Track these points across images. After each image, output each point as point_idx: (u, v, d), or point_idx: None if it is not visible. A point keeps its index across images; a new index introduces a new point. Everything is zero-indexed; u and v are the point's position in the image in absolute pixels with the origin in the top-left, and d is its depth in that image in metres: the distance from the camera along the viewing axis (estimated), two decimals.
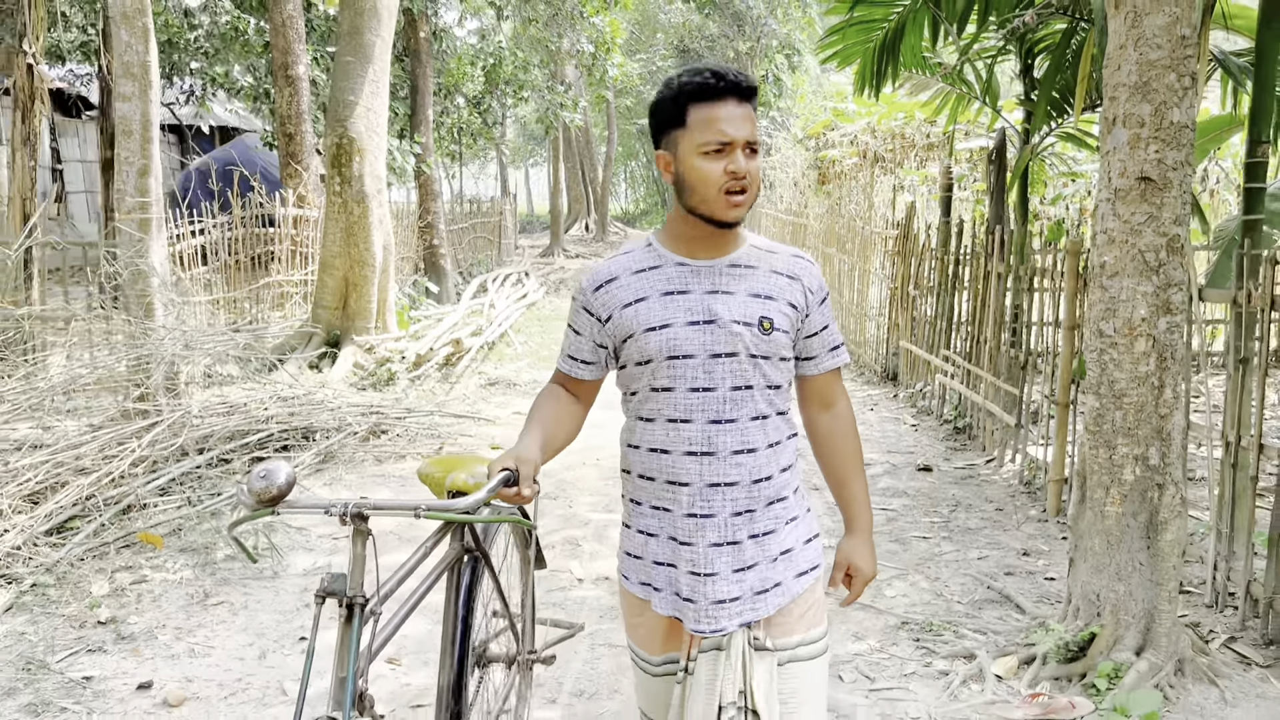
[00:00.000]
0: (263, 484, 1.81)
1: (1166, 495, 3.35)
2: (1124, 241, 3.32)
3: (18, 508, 4.41)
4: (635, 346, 1.90)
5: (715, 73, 1.84)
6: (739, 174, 1.81)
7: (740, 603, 1.87)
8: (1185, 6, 3.22)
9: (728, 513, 1.88)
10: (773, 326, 1.88)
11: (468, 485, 2.33)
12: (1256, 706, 3.25)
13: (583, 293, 1.98)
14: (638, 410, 1.96)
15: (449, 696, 2.25)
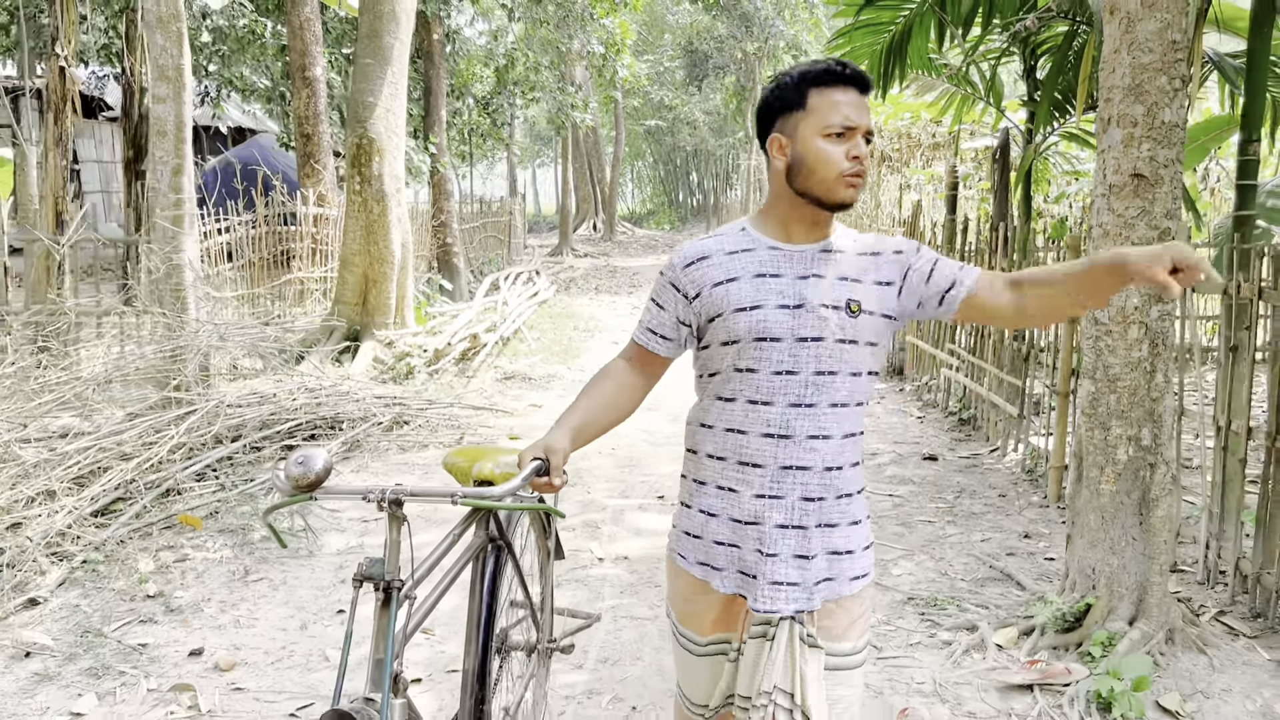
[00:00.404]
0: (300, 470, 1.86)
1: (1158, 474, 3.55)
2: (1118, 234, 3.52)
3: (66, 490, 4.63)
4: (723, 326, 1.90)
5: (839, 61, 1.89)
6: (861, 157, 1.85)
7: (798, 589, 1.89)
8: (1176, 13, 3.41)
9: (796, 496, 1.89)
10: (860, 309, 1.88)
11: (493, 474, 2.40)
12: (1242, 673, 3.44)
13: (672, 268, 1.99)
14: (717, 390, 1.96)
15: (474, 681, 2.29)
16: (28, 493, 4.51)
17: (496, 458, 2.46)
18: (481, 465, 2.42)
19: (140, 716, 3.17)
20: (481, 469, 2.41)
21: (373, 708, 1.82)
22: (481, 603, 2.34)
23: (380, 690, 1.85)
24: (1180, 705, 3.25)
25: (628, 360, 2.06)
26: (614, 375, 2.03)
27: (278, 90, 13.90)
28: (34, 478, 4.61)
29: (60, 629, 3.75)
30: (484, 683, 2.30)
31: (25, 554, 4.12)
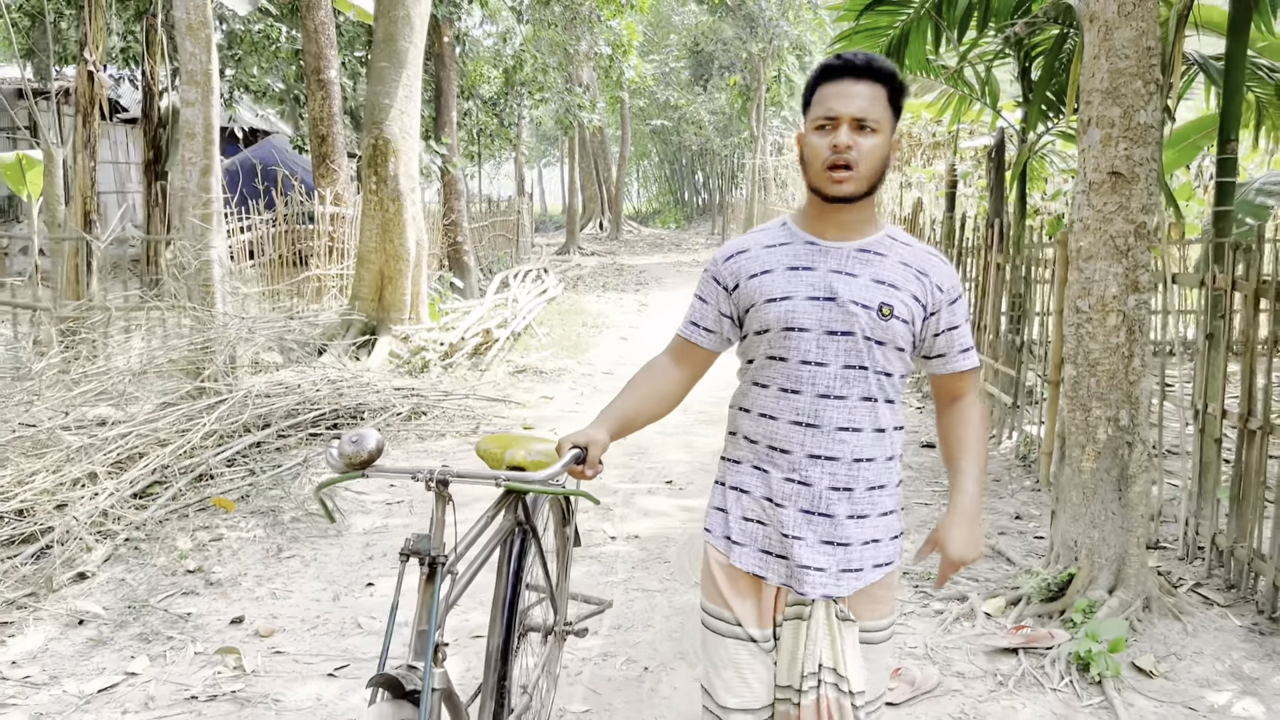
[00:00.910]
0: (354, 448, 1.95)
1: (1135, 452, 3.79)
2: (1097, 229, 3.76)
3: (108, 473, 4.90)
4: (756, 315, 1.97)
5: (841, 55, 1.92)
6: (838, 147, 1.86)
7: (825, 575, 1.94)
8: (1150, 21, 3.66)
9: (824, 485, 1.94)
10: (892, 314, 1.91)
11: (525, 461, 2.49)
12: (1214, 637, 3.69)
13: (714, 263, 2.07)
14: (754, 376, 2.02)
15: (497, 658, 2.37)
16: (72, 475, 4.78)
17: (529, 445, 2.55)
18: (514, 452, 2.52)
19: (190, 676, 3.43)
20: (514, 455, 2.51)
21: (415, 674, 1.91)
22: (508, 583, 2.42)
23: (422, 659, 1.93)
24: (1154, 665, 3.49)
25: (671, 355, 2.13)
26: (657, 370, 2.11)
27: (291, 93, 14.16)
28: (76, 462, 4.87)
29: (109, 600, 4.01)
30: (507, 660, 2.37)
31: (72, 533, 4.38)
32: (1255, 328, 3.94)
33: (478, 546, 2.33)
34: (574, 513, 2.94)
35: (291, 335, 7.27)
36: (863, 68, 1.88)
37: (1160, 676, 3.44)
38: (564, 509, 2.92)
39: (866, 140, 1.87)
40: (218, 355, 5.80)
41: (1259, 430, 3.92)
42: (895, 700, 3.29)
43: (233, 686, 3.36)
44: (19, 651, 3.58)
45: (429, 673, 1.90)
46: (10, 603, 3.88)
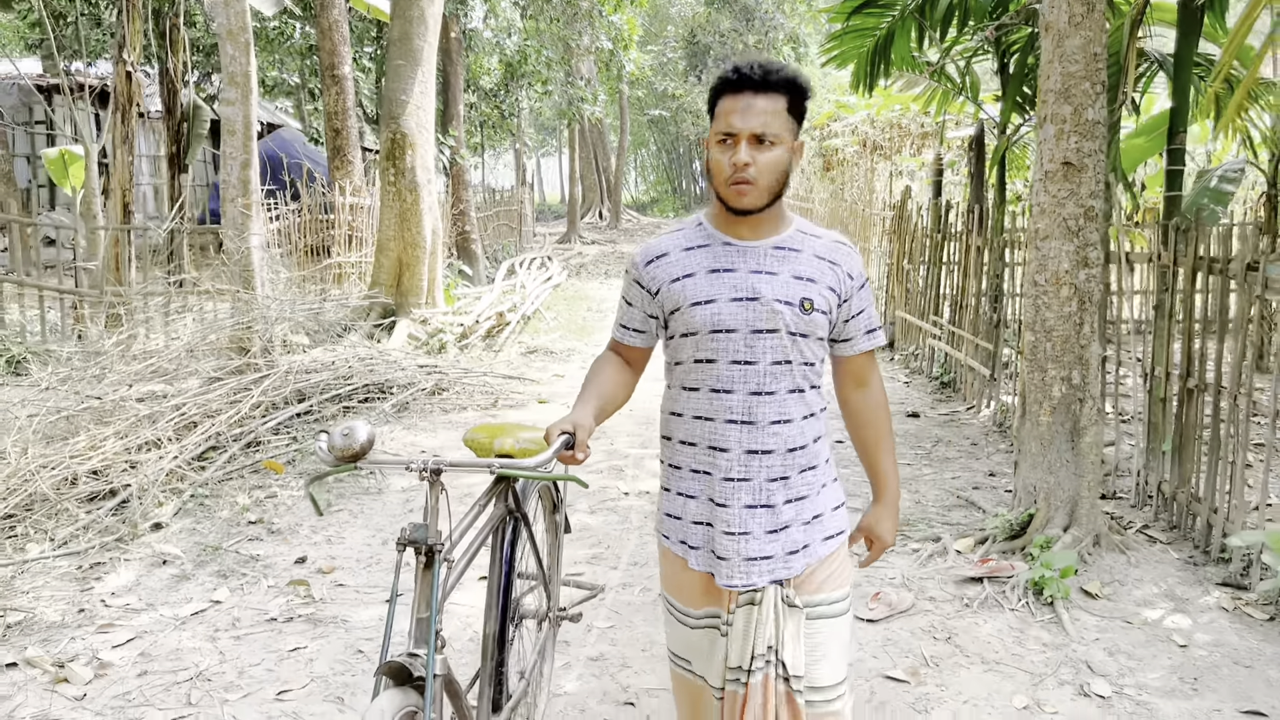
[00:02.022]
0: (344, 441, 1.96)
1: (1085, 407, 4.33)
2: (1052, 212, 4.30)
3: (170, 439, 5.43)
4: (682, 319, 2.01)
5: (738, 67, 1.96)
6: (738, 165, 1.91)
7: (772, 561, 2.00)
8: (1096, 30, 4.18)
9: (763, 478, 2.00)
10: (813, 307, 1.98)
11: (514, 449, 2.51)
12: (1154, 568, 4.24)
13: (635, 266, 2.11)
14: (682, 380, 2.07)
15: (493, 645, 2.41)
16: (139, 441, 5.31)
17: (516, 434, 2.58)
18: (502, 440, 2.54)
19: (266, 603, 3.98)
20: (503, 444, 2.53)
21: (418, 661, 1.94)
22: (501, 570, 2.46)
23: (423, 646, 1.97)
24: (1100, 589, 4.04)
25: (613, 352, 2.22)
26: (609, 364, 2.18)
27: (305, 87, 14.65)
28: (142, 429, 5.41)
29: (185, 545, 4.55)
30: (503, 646, 2.42)
31: (146, 489, 4.92)
32: (1192, 298, 4.48)
33: (471, 534, 2.36)
34: (563, 500, 2.99)
35: (324, 317, 7.79)
36: (760, 81, 1.92)
37: (1104, 598, 3.99)
38: (553, 497, 2.98)
39: (765, 154, 1.92)
40: (261, 334, 6.33)
41: (1195, 388, 4.46)
42: (875, 618, 3.84)
43: (305, 611, 3.90)
44: (115, 585, 4.12)
45: (432, 659, 1.93)
46: (103, 546, 4.42)
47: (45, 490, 4.51)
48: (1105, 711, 3.20)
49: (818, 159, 15.88)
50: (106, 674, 3.40)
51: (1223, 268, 4.23)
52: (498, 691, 2.41)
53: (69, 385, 5.51)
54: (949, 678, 3.42)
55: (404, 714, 1.88)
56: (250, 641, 3.65)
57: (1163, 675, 3.42)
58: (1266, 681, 3.35)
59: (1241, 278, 4.10)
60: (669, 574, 2.15)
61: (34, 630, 3.69)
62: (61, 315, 7.92)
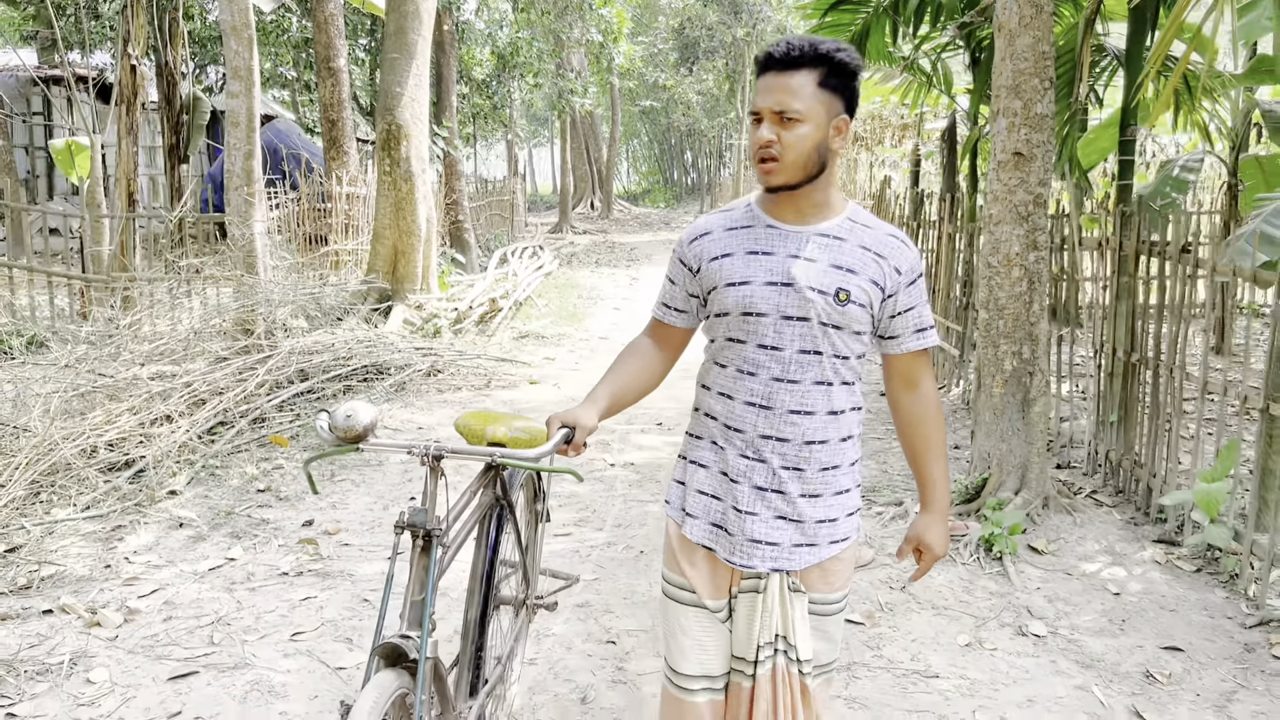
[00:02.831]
0: (347, 423, 1.95)
1: (1035, 380, 4.68)
2: (1004, 199, 4.64)
3: (181, 415, 5.75)
4: (717, 299, 2.00)
5: (768, 49, 1.94)
6: (759, 143, 1.91)
7: (777, 549, 1.97)
8: (1044, 31, 4.52)
9: (777, 464, 1.97)
10: (849, 299, 1.92)
11: (505, 438, 2.52)
12: (1097, 528, 4.59)
13: (681, 244, 2.10)
14: (715, 356, 2.07)
15: (475, 630, 2.43)
16: (151, 416, 5.63)
17: (509, 422, 2.59)
18: (494, 429, 2.55)
19: (278, 560, 4.31)
20: (495, 432, 2.54)
21: (411, 643, 1.97)
22: (486, 556, 2.48)
23: (416, 628, 1.99)
24: (1045, 546, 4.40)
25: (650, 336, 2.19)
26: (639, 351, 2.16)
27: (301, 80, 14.92)
28: (154, 405, 5.73)
29: (198, 510, 4.88)
30: (484, 631, 2.44)
31: (160, 461, 5.24)
32: (1135, 280, 4.83)
33: (463, 520, 2.40)
34: (546, 490, 3.05)
35: (324, 301, 8.11)
36: (782, 59, 1.89)
37: (1049, 554, 4.35)
38: (535, 486, 3.00)
39: (790, 132, 1.88)
40: (265, 316, 6.64)
41: (1138, 363, 4.82)
42: (863, 564, 4.18)
43: (314, 566, 4.24)
44: (136, 545, 4.45)
45: (425, 641, 1.95)
46: (123, 511, 4.75)
47: (69, 459, 4.82)
48: (1039, 648, 3.55)
49: None
50: (135, 619, 3.73)
51: (1160, 250, 4.58)
52: (475, 675, 2.43)
53: (84, 364, 5.82)
54: (901, 621, 3.77)
55: (396, 695, 1.90)
56: (264, 592, 3.99)
57: (1094, 618, 3.77)
58: (1187, 623, 3.71)
59: (1176, 260, 4.45)
60: (667, 542, 2.13)
61: (65, 583, 4.02)
62: (70, 300, 8.22)
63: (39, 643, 3.52)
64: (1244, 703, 3.18)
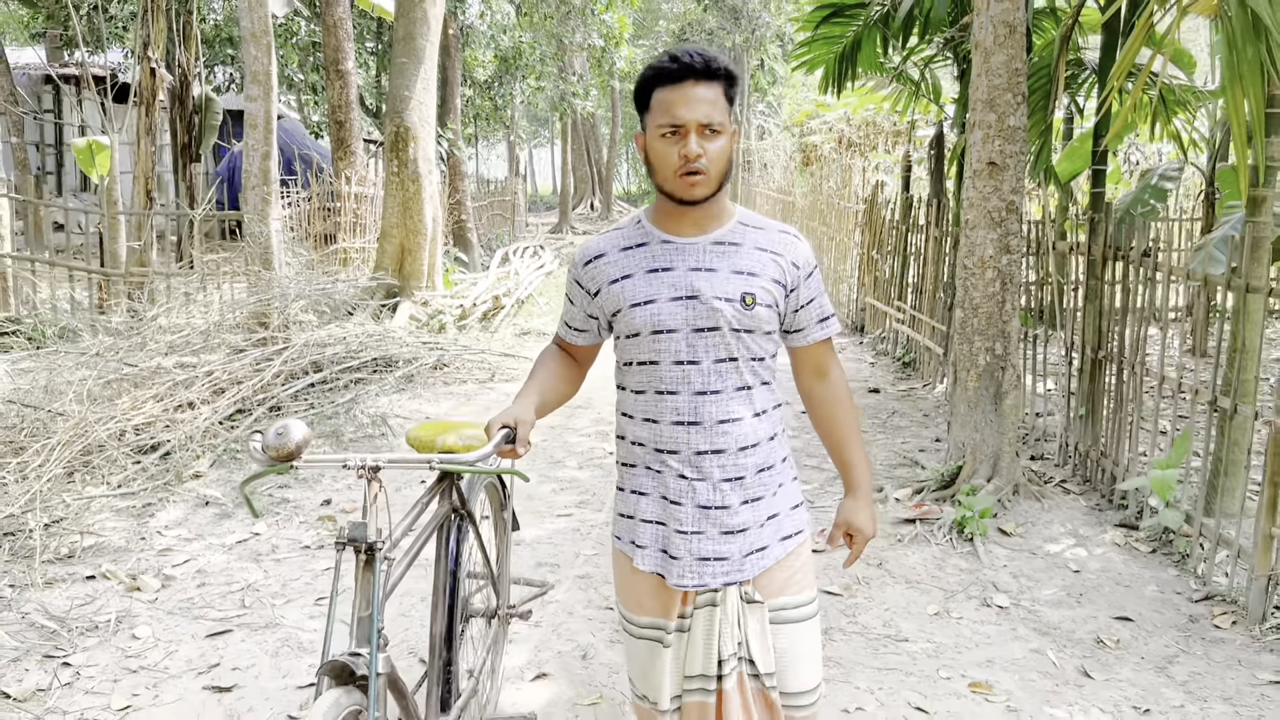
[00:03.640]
0: (279, 441, 1.93)
1: (1007, 374, 5.01)
2: (979, 205, 4.97)
3: (203, 402, 6.08)
4: (624, 321, 1.98)
5: (673, 56, 1.89)
6: (689, 156, 1.86)
7: (728, 563, 1.95)
8: (1018, 49, 4.85)
9: (717, 478, 1.96)
10: (755, 302, 1.93)
11: (457, 446, 2.50)
12: (1063, 513, 4.92)
13: (575, 266, 2.08)
14: (630, 382, 2.04)
15: (441, 645, 2.40)
16: (175, 402, 5.96)
17: (460, 430, 2.58)
18: (445, 438, 2.53)
19: (300, 535, 4.64)
20: (445, 440, 2.52)
21: (361, 660, 1.93)
22: (447, 569, 2.45)
23: (365, 645, 1.95)
24: (1014, 528, 4.72)
25: (559, 348, 2.21)
26: (555, 359, 2.18)
27: (308, 82, 15.23)
28: (178, 393, 6.05)
29: (222, 490, 5.20)
30: (451, 646, 2.41)
31: (185, 445, 5.56)
32: (1101, 282, 5.16)
33: (414, 532, 2.34)
34: (510, 497, 3.01)
35: (336, 296, 8.44)
36: (702, 69, 1.88)
37: (1017, 536, 4.68)
38: (500, 493, 2.96)
39: (713, 144, 1.89)
40: (281, 310, 6.97)
41: (1104, 360, 5.15)
42: (819, 549, 4.51)
43: (333, 540, 4.56)
44: (166, 520, 4.77)
45: (375, 657, 1.92)
46: (152, 490, 5.07)
47: (103, 440, 5.14)
48: (1001, 617, 3.88)
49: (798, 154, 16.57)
50: (171, 585, 4.05)
51: (1124, 254, 4.91)
52: (446, 691, 2.41)
53: (112, 353, 6.14)
54: (876, 593, 4.10)
55: (347, 714, 1.86)
56: (288, 563, 4.31)
57: (1055, 592, 4.10)
58: (1139, 597, 4.04)
59: (1137, 264, 4.78)
60: (620, 578, 2.11)
61: (104, 552, 4.34)
62: (90, 293, 8.54)
63: (86, 603, 3.84)
64: (1183, 665, 3.50)
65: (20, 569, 4.05)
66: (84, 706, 3.15)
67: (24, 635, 3.57)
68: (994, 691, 3.33)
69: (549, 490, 5.34)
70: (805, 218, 13.17)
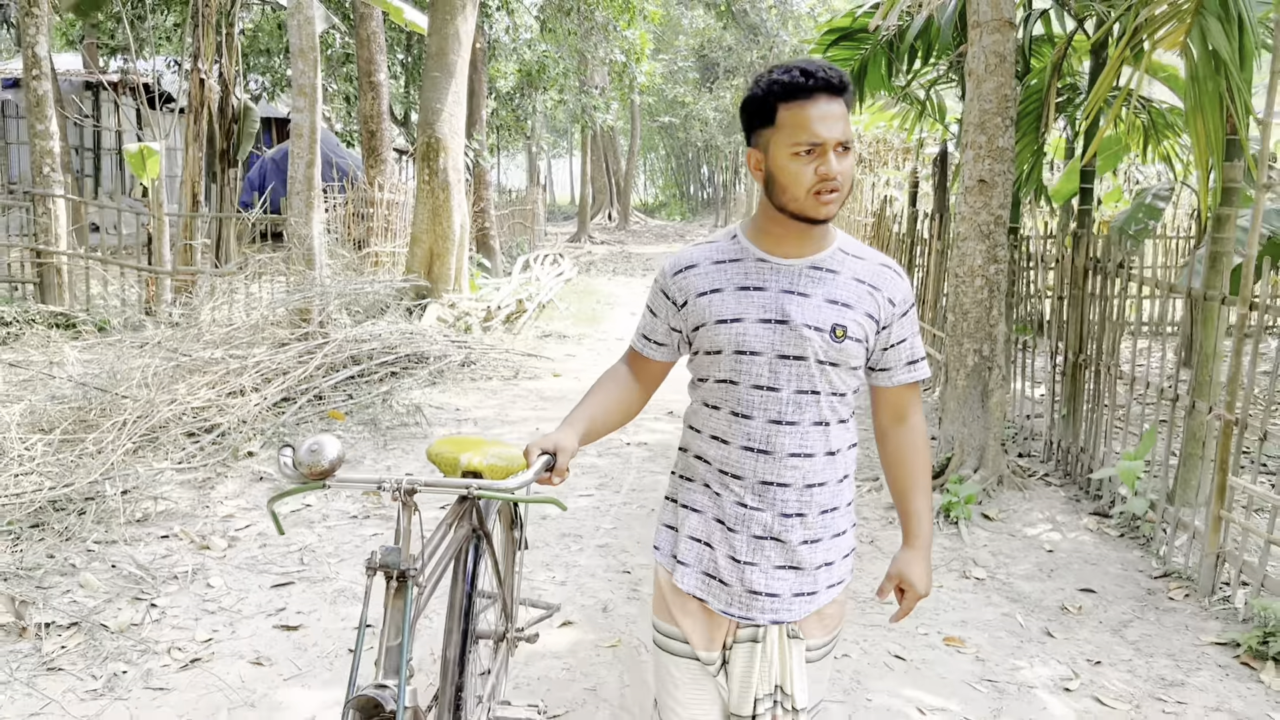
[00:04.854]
0: (312, 459, 1.85)
1: (993, 374, 5.46)
2: (970, 219, 5.43)
3: (253, 389, 6.58)
4: (706, 336, 1.90)
5: (804, 70, 1.79)
6: (829, 176, 1.77)
7: (778, 600, 1.89)
8: (1007, 76, 5.31)
9: (777, 511, 1.88)
10: (846, 335, 1.85)
11: (481, 466, 2.41)
12: (1043, 502, 5.37)
13: (664, 275, 1.99)
14: (705, 397, 1.96)
15: (454, 669, 2.32)
16: (227, 390, 6.46)
17: (484, 449, 2.49)
18: (470, 457, 2.44)
19: (348, 506, 5.12)
20: (470, 461, 2.43)
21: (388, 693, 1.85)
22: (463, 592, 2.38)
23: (393, 676, 1.88)
24: (996, 514, 5.17)
25: (628, 364, 2.10)
26: (618, 379, 2.07)
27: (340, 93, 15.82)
28: (229, 381, 6.56)
29: (274, 468, 5.70)
30: (464, 670, 2.33)
31: (237, 428, 6.06)
32: (1083, 291, 5.61)
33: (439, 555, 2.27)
34: (523, 517, 2.96)
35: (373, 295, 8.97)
36: (837, 84, 1.80)
37: (998, 521, 5.13)
38: (512, 513, 2.90)
39: (844, 162, 1.81)
40: (322, 307, 7.48)
41: (1082, 362, 5.59)
42: None
43: (378, 512, 5.05)
44: (226, 492, 5.27)
45: (403, 691, 1.86)
46: (211, 466, 5.58)
47: (169, 419, 5.65)
48: (978, 587, 4.33)
49: None
50: (236, 545, 4.55)
51: (1102, 266, 5.36)
52: (456, 716, 2.34)
53: (169, 344, 6.66)
54: (868, 565, 4.55)
55: None
56: (339, 530, 4.80)
57: (1028, 568, 4.55)
58: (1105, 574, 4.48)
59: (1113, 275, 5.23)
60: (657, 591, 2.04)
61: (174, 517, 4.84)
62: (140, 289, 9.08)
63: (165, 556, 4.34)
64: (1136, 628, 3.95)
65: (101, 531, 4.55)
66: (172, 638, 3.64)
67: (114, 582, 4.07)
68: (966, 645, 3.78)
69: (571, 474, 5.81)
70: None
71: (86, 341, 6.97)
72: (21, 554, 4.19)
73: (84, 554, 4.29)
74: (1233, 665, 3.64)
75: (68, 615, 3.73)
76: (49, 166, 8.71)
